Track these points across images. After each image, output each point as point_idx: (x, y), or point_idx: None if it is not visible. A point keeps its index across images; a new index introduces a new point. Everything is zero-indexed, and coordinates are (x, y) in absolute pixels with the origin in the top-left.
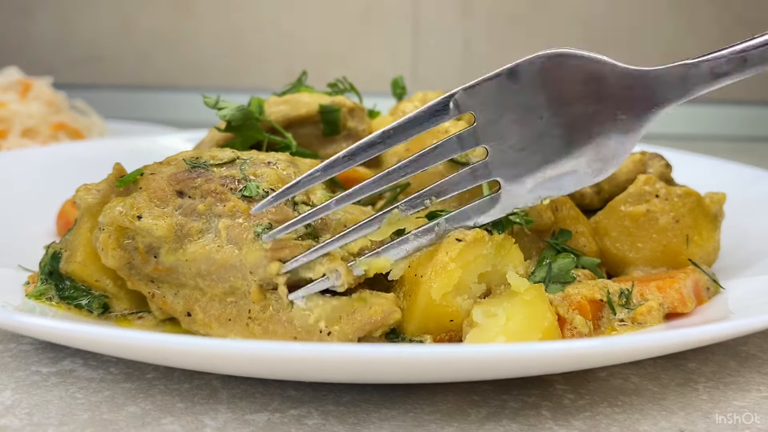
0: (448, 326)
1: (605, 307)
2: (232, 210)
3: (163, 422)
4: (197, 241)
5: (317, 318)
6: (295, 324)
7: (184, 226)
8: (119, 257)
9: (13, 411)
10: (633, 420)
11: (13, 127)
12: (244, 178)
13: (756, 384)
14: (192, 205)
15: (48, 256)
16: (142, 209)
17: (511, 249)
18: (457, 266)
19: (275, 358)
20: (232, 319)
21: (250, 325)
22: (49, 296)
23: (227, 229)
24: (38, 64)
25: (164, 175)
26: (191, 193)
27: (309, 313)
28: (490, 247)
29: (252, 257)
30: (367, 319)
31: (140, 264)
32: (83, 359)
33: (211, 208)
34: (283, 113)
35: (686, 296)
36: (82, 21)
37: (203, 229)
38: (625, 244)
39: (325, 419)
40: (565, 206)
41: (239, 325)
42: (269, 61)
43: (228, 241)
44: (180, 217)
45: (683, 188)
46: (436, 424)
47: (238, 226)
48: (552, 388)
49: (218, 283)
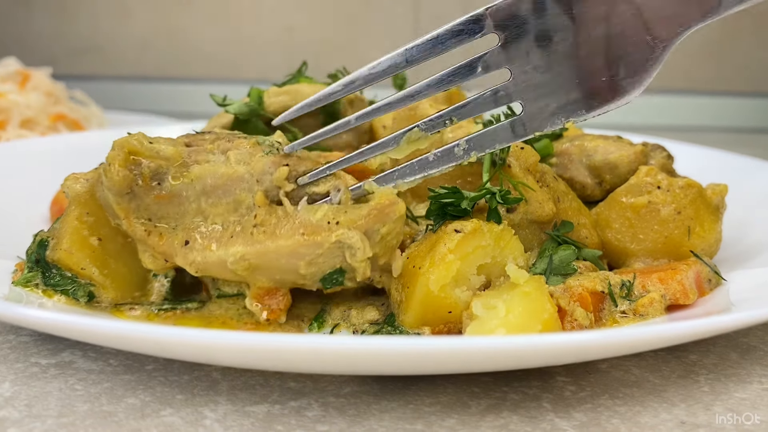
0: (446, 318)
1: (606, 298)
2: (239, 145)
3: (163, 414)
4: (204, 164)
5: (324, 214)
6: (301, 221)
7: (192, 156)
8: (124, 177)
9: (12, 403)
10: (634, 412)
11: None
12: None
13: (757, 376)
14: (200, 147)
15: (35, 243)
16: (153, 140)
17: (511, 240)
18: (455, 257)
19: (275, 350)
20: (234, 235)
21: (254, 233)
22: (35, 283)
23: (235, 155)
24: (37, 54)
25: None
26: (199, 144)
27: (315, 213)
28: (489, 239)
29: (260, 165)
30: (372, 206)
31: (142, 191)
32: (82, 351)
33: (219, 146)
34: (283, 104)
35: (688, 288)
36: (81, 11)
37: (211, 159)
38: (627, 235)
39: (325, 411)
40: (567, 198)
41: (243, 236)
42: (269, 52)
43: (236, 162)
44: (188, 152)
45: (685, 179)
46: (437, 416)
47: (247, 150)
48: (553, 380)
49: (223, 199)
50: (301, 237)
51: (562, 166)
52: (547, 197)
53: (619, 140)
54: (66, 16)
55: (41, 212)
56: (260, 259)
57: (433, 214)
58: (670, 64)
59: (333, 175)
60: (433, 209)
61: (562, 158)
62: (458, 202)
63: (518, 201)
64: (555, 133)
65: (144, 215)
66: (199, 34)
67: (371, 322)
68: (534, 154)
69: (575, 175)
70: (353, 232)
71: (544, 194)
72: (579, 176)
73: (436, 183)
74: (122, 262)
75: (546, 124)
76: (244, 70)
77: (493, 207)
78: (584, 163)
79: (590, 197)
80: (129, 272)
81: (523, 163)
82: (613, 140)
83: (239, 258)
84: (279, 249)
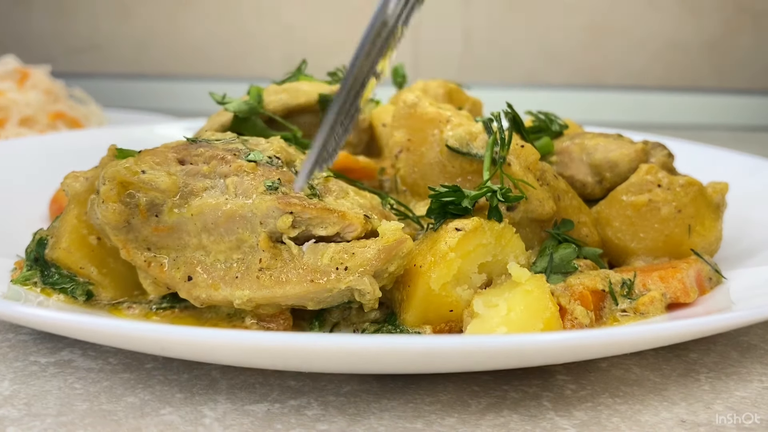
0: (447, 316)
1: (607, 297)
2: (238, 169)
3: (162, 413)
4: (203, 197)
5: (330, 258)
6: (309, 267)
7: (189, 185)
8: (119, 212)
9: (12, 401)
10: (634, 410)
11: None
12: (248, 149)
13: (758, 374)
14: (195, 168)
15: (34, 242)
16: (146, 167)
17: (512, 239)
18: (456, 256)
19: (274, 349)
20: (240, 275)
21: (261, 277)
22: (34, 282)
23: (235, 185)
24: (36, 52)
25: (166, 146)
26: (194, 161)
27: (321, 256)
28: (490, 237)
29: (264, 206)
30: (380, 247)
31: (139, 224)
32: (82, 349)
33: (216, 169)
34: (283, 102)
35: (689, 286)
36: (80, 9)
37: (209, 187)
38: (627, 234)
39: (325, 410)
40: (567, 196)
41: (249, 279)
42: (269, 50)
43: (237, 194)
44: (184, 177)
45: (685, 178)
46: (437, 415)
47: (247, 181)
48: (553, 379)
49: (225, 237)
50: (310, 284)
51: (563, 164)
52: (548, 195)
53: (619, 138)
54: (65, 14)
55: (40, 210)
56: (268, 301)
57: (434, 213)
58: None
59: (339, 216)
60: (434, 208)
61: (563, 156)
62: (459, 200)
63: (519, 199)
64: (555, 131)
65: (143, 245)
66: (199, 32)
67: (371, 321)
68: (534, 152)
69: (575, 174)
70: (363, 279)
71: (544, 192)
72: (579, 174)
73: (436, 182)
74: (121, 261)
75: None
76: (244, 67)
77: (494, 205)
78: (585, 161)
79: (591, 195)
80: (127, 271)
81: (523, 162)
82: (614, 138)
83: (246, 300)
84: (287, 294)
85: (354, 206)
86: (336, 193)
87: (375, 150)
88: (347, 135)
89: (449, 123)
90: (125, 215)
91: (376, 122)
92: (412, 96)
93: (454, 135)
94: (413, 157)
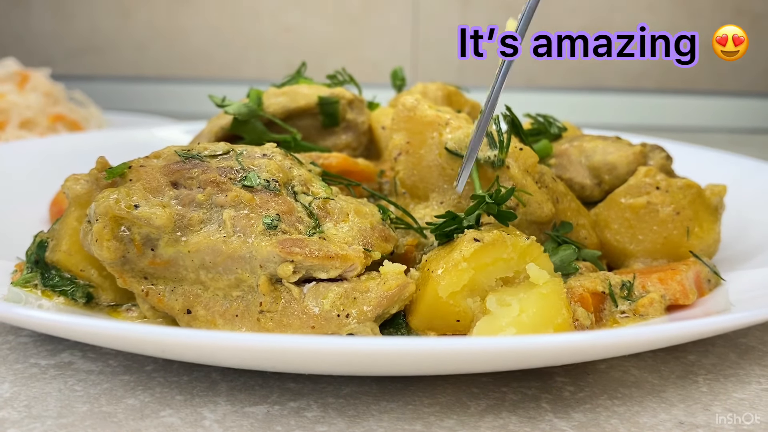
0: (454, 326)
1: (607, 299)
2: (234, 200)
3: (162, 415)
4: (200, 231)
5: (332, 303)
6: (310, 313)
7: (185, 216)
8: (114, 249)
9: (12, 403)
10: (633, 412)
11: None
12: (243, 168)
13: (756, 376)
14: (190, 195)
15: (34, 244)
16: (139, 198)
17: (539, 257)
18: (469, 266)
19: (274, 351)
20: (239, 314)
21: (261, 319)
22: (34, 284)
23: (233, 220)
24: (36, 55)
25: (156, 166)
26: (187, 184)
27: (323, 300)
28: (512, 252)
29: (264, 251)
30: (383, 294)
31: (136, 257)
32: (82, 352)
33: (212, 197)
34: (282, 105)
35: (688, 288)
36: (79, 12)
37: (205, 219)
38: (626, 236)
39: (325, 411)
40: (566, 198)
41: (249, 320)
42: (269, 53)
43: (234, 231)
44: (179, 207)
45: (684, 180)
46: (436, 417)
47: (245, 216)
48: (552, 381)
49: (223, 275)
50: (311, 330)
51: (562, 167)
52: (546, 198)
53: (618, 141)
54: (65, 17)
55: (40, 213)
56: None
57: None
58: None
59: (341, 260)
60: (443, 242)
61: (562, 159)
62: (459, 225)
63: (511, 194)
64: (554, 134)
65: (140, 275)
66: (199, 35)
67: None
68: (533, 155)
69: (574, 176)
70: (365, 326)
71: (543, 195)
72: (578, 177)
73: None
74: None
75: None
76: (244, 70)
77: (494, 211)
78: (583, 163)
79: (589, 198)
80: None
81: (521, 164)
82: (612, 141)
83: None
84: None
85: (354, 233)
86: (336, 217)
87: (375, 152)
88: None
89: (448, 126)
90: (120, 251)
91: (376, 125)
92: (411, 99)
93: (453, 138)
94: (412, 160)
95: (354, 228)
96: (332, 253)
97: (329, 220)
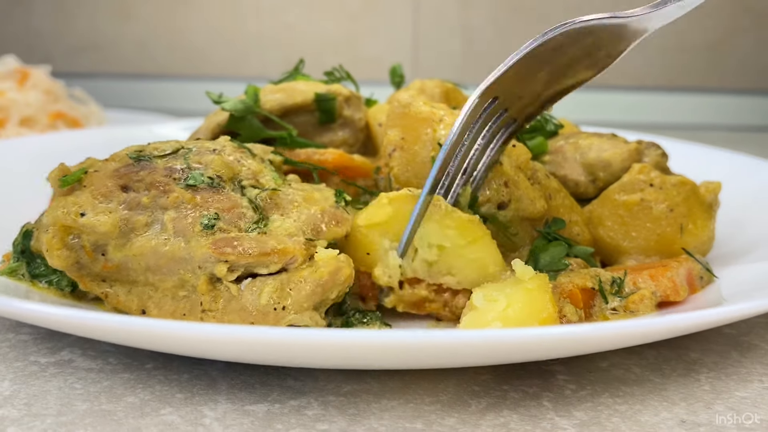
0: (364, 259)
1: (597, 295)
2: (176, 201)
3: (162, 413)
4: (143, 234)
5: (268, 297)
6: (248, 309)
7: (129, 221)
8: (66, 257)
9: (12, 401)
10: (634, 410)
11: (11, 116)
12: (188, 167)
13: (758, 375)
14: (136, 198)
15: (20, 234)
16: (85, 206)
17: (482, 239)
18: (388, 203)
19: (272, 343)
20: (186, 313)
21: (204, 318)
22: (21, 273)
23: (173, 222)
24: (36, 52)
25: (108, 171)
26: (135, 187)
27: (259, 295)
28: (450, 222)
29: (200, 252)
30: (316, 282)
31: (89, 263)
32: (82, 349)
33: (156, 200)
34: (279, 101)
35: (679, 285)
36: (80, 9)
37: (149, 222)
38: (619, 233)
39: (325, 409)
40: (559, 195)
41: (194, 318)
42: (268, 50)
43: (175, 233)
44: (125, 212)
45: (678, 177)
46: (437, 415)
47: (184, 217)
48: (553, 379)
49: (168, 277)
50: (252, 326)
51: (557, 164)
52: (539, 194)
53: (613, 138)
54: (65, 14)
55: (40, 210)
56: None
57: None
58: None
59: (279, 254)
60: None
61: (557, 156)
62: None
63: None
64: (550, 131)
65: (97, 278)
66: (199, 32)
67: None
68: (525, 151)
69: (569, 173)
70: (303, 316)
71: (535, 191)
72: (573, 174)
73: None
74: None
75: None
76: (243, 67)
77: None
78: (578, 160)
79: (584, 195)
80: None
81: (514, 161)
82: (608, 138)
83: None
84: None
85: (301, 222)
86: (283, 208)
87: (371, 149)
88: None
89: (442, 122)
90: (72, 259)
91: (373, 122)
92: (405, 95)
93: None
94: (406, 156)
95: (302, 217)
96: (267, 249)
97: (276, 211)
